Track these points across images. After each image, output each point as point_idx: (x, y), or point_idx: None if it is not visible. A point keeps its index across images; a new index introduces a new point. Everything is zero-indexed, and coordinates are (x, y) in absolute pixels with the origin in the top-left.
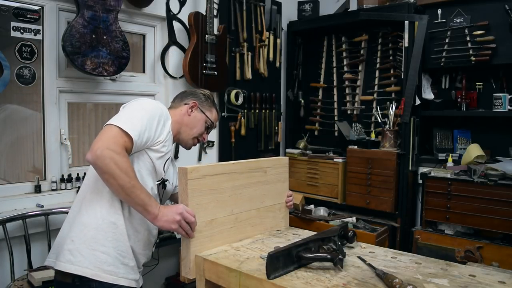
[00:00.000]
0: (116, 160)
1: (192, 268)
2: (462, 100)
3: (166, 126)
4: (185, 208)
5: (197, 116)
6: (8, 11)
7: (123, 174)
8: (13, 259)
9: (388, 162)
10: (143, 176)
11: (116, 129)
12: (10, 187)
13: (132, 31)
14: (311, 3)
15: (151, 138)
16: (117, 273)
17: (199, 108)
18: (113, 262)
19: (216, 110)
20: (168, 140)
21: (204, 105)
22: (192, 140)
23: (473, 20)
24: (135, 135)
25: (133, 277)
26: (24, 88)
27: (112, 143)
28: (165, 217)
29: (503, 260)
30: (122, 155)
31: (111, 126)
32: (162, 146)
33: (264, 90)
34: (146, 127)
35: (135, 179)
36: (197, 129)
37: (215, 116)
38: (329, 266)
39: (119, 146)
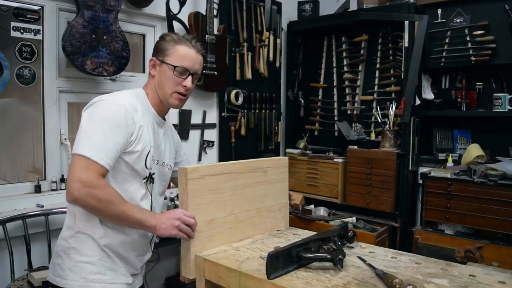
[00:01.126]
0: (96, 195)
1: (192, 268)
2: (462, 100)
3: (134, 122)
4: (183, 212)
5: (161, 71)
6: (8, 11)
7: (107, 205)
8: (13, 259)
9: (388, 162)
10: (122, 184)
11: (84, 160)
12: (10, 187)
13: (132, 31)
14: (311, 3)
15: (122, 146)
16: (105, 279)
17: (158, 61)
18: (99, 270)
19: (188, 44)
20: (141, 134)
21: (164, 53)
22: (171, 97)
23: (473, 20)
24: (104, 158)
25: (123, 281)
26: (24, 88)
27: (85, 177)
28: (163, 225)
29: (503, 260)
30: (100, 187)
31: (78, 158)
32: (136, 145)
33: (264, 90)
34: (112, 140)
35: (122, 203)
36: (168, 83)
37: (183, 53)
38: (329, 266)
39: (93, 178)
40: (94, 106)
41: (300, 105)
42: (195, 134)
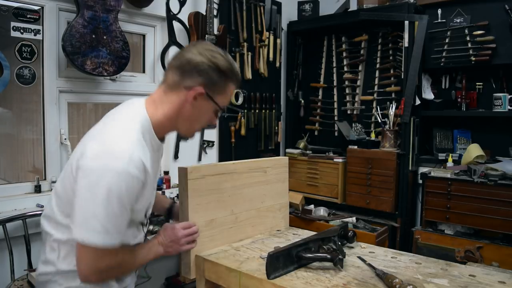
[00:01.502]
0: (109, 274)
1: (192, 268)
2: (462, 100)
3: (144, 182)
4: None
5: (203, 106)
6: (8, 11)
7: (123, 270)
8: (13, 259)
9: (388, 162)
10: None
11: (100, 250)
12: (10, 187)
13: (132, 31)
14: (311, 3)
15: (129, 215)
16: None
17: (207, 95)
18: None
19: (236, 80)
20: (146, 188)
21: (215, 88)
22: (193, 132)
23: (473, 20)
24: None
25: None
26: (24, 88)
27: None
28: (170, 249)
29: (503, 260)
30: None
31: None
32: (139, 203)
33: (264, 90)
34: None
35: (133, 258)
36: (202, 121)
37: (231, 93)
38: (329, 266)
39: (111, 261)
40: (99, 176)
41: (300, 105)
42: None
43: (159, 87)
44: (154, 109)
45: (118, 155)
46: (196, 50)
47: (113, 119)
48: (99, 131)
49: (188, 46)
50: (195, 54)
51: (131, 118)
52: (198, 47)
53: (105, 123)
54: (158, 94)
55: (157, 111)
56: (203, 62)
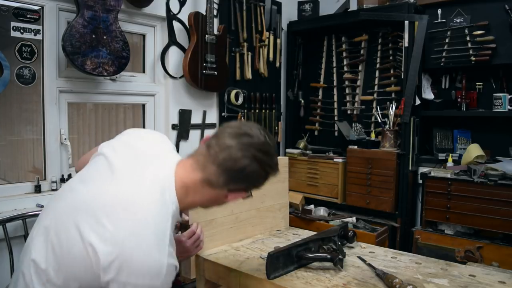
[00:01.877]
0: None
1: (192, 268)
2: (462, 100)
3: None
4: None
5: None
6: (8, 11)
7: None
8: (13, 259)
9: (388, 162)
10: None
11: None
12: (10, 187)
13: (132, 31)
14: (311, 3)
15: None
16: None
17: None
18: None
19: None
20: None
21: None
22: None
23: (473, 20)
24: None
25: None
26: (24, 88)
27: None
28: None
29: (503, 260)
30: None
31: None
32: None
33: (264, 90)
34: None
35: None
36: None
37: None
38: (329, 266)
39: None
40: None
41: (300, 105)
42: (195, 134)
43: (193, 171)
44: (184, 194)
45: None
46: (251, 154)
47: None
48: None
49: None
50: (250, 160)
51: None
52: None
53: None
54: (192, 181)
55: (187, 198)
56: (257, 172)
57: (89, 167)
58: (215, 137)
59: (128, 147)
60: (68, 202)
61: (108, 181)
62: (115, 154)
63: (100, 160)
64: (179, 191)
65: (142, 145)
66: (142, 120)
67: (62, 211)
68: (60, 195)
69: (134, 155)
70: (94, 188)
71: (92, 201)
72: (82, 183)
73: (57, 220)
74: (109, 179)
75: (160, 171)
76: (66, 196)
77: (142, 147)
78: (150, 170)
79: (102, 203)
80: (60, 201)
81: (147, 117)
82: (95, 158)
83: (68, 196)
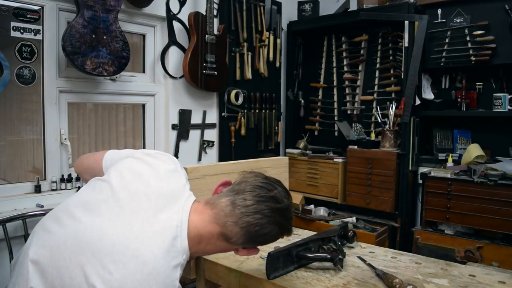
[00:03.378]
0: None
1: (192, 268)
2: (462, 100)
3: None
4: None
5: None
6: (8, 11)
7: None
8: (13, 259)
9: (388, 162)
10: None
11: None
12: (10, 187)
13: (132, 31)
14: (311, 3)
15: None
16: None
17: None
18: None
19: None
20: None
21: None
22: None
23: (473, 20)
24: None
25: None
26: (24, 88)
27: None
28: None
29: (503, 260)
30: None
31: None
32: None
33: (264, 90)
34: None
35: None
36: None
37: None
38: (329, 266)
39: None
40: None
41: (300, 105)
42: (195, 134)
43: (211, 223)
44: (196, 243)
45: None
46: (275, 220)
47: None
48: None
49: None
50: (273, 225)
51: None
52: (277, 216)
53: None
54: (208, 233)
55: (199, 246)
56: (276, 235)
57: (93, 193)
58: (240, 193)
59: (139, 178)
60: (70, 234)
61: (116, 219)
62: (123, 184)
63: (106, 188)
64: (191, 239)
65: (154, 182)
66: (142, 120)
67: (64, 243)
68: (60, 219)
69: (144, 191)
70: (101, 226)
71: (98, 242)
72: (86, 213)
73: (59, 252)
74: (117, 216)
75: (174, 216)
76: (68, 225)
77: (154, 184)
78: (163, 213)
79: (109, 247)
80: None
81: (147, 117)
82: (101, 184)
83: (70, 225)
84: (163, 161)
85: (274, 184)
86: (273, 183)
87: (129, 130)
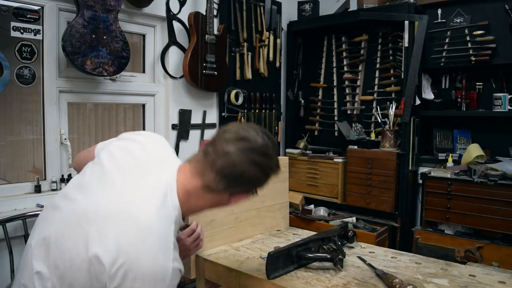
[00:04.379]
0: None
1: (192, 268)
2: (462, 100)
3: None
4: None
5: (239, 200)
6: (8, 11)
7: None
8: (13, 259)
9: (388, 162)
10: None
11: None
12: (10, 187)
13: (132, 31)
14: (311, 3)
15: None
16: None
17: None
18: None
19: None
20: None
21: (258, 187)
22: None
23: (473, 20)
24: None
25: None
26: (24, 88)
27: None
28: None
29: (503, 260)
30: None
31: None
32: None
33: (264, 90)
34: None
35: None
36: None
37: None
38: (329, 266)
39: None
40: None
41: (300, 105)
42: (195, 134)
43: (192, 177)
44: (186, 200)
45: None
46: (248, 158)
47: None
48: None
49: (236, 145)
50: (248, 164)
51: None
52: (251, 153)
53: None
54: (193, 187)
55: (189, 203)
56: (257, 176)
57: (85, 175)
58: (212, 143)
59: (127, 153)
60: (67, 213)
61: (109, 189)
62: (113, 160)
63: (97, 168)
64: (181, 196)
65: (141, 153)
66: (142, 120)
67: (61, 223)
68: (57, 205)
69: (133, 162)
70: (95, 198)
71: (93, 212)
72: (80, 192)
73: (57, 232)
74: (110, 187)
75: (162, 177)
76: (64, 206)
77: (141, 154)
78: (151, 176)
79: (104, 214)
80: (58, 211)
81: (147, 117)
82: (92, 166)
83: (67, 206)
84: (149, 137)
85: (249, 128)
86: (248, 127)
87: (129, 130)
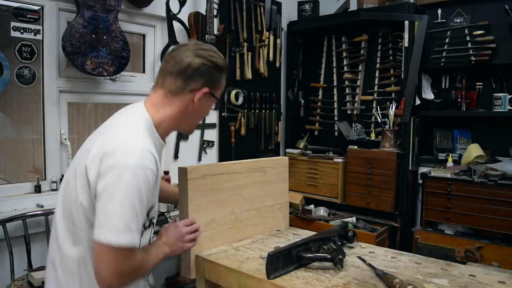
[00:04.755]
0: (131, 276)
1: (192, 268)
2: (462, 100)
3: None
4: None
5: (205, 103)
6: (8, 11)
7: (140, 272)
8: (13, 259)
9: (388, 162)
10: None
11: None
12: (10, 187)
13: (132, 31)
14: (311, 3)
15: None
16: None
17: (210, 93)
18: None
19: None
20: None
21: (216, 84)
22: (193, 127)
23: (473, 20)
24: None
25: None
26: (24, 88)
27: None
28: (175, 247)
29: (503, 260)
30: (133, 268)
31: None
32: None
33: (264, 90)
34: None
35: (147, 259)
36: (201, 115)
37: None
38: (329, 266)
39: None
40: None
41: (300, 105)
42: (195, 134)
43: (155, 90)
44: (155, 111)
45: (131, 151)
46: (191, 52)
47: (118, 119)
48: (104, 133)
49: (180, 49)
50: (193, 57)
51: (135, 118)
52: (193, 49)
53: (109, 125)
54: (158, 98)
55: (158, 113)
56: (204, 64)
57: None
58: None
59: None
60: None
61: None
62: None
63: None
64: (149, 109)
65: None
66: None
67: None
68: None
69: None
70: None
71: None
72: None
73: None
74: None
75: (133, 106)
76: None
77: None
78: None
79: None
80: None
81: None
82: None
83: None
84: None
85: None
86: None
87: None
